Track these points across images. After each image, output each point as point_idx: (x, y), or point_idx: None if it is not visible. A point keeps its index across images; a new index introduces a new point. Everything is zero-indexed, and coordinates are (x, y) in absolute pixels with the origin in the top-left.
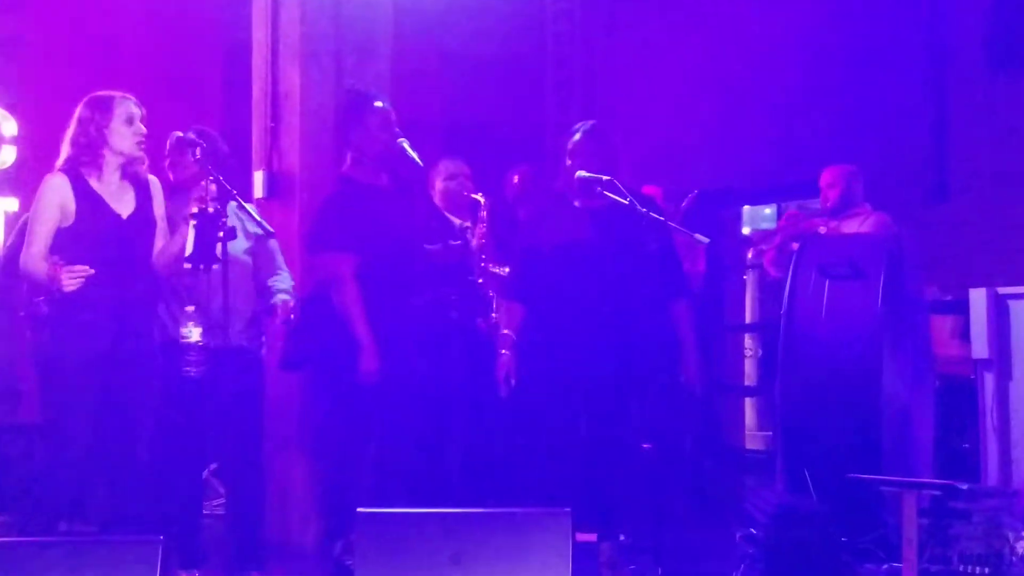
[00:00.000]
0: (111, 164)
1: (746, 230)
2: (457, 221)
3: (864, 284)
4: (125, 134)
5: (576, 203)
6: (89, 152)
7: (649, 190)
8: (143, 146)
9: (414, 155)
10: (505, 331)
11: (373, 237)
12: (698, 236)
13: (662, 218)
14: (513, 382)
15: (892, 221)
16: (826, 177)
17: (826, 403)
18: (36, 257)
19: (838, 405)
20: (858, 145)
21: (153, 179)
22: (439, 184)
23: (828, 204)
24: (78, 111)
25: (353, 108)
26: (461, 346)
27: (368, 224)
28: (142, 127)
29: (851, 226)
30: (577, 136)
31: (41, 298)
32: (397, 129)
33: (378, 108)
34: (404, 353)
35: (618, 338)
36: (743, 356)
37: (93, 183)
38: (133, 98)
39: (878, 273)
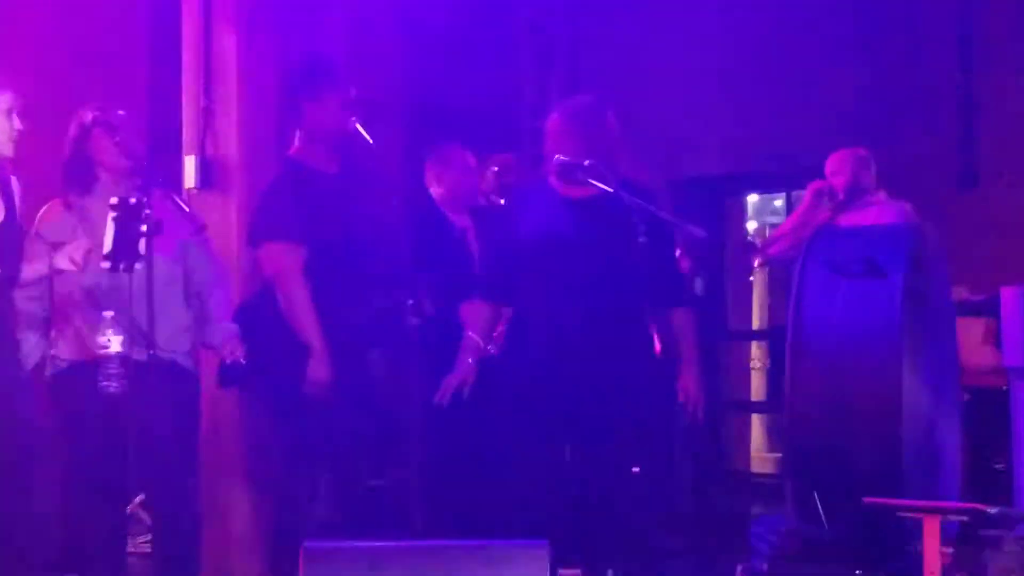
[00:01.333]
0: None
1: (751, 225)
2: (457, 219)
3: (882, 284)
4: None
5: (559, 193)
6: None
7: (644, 176)
8: (15, 144)
9: (368, 138)
10: (470, 333)
11: (325, 228)
12: (692, 228)
13: (652, 207)
14: (465, 394)
15: (913, 211)
16: (831, 164)
17: (840, 420)
18: None
19: (854, 422)
20: (875, 125)
21: (14, 180)
22: (448, 176)
23: (833, 196)
24: None
25: (306, 80)
26: (427, 357)
27: (319, 214)
28: (18, 122)
29: (865, 218)
30: (556, 115)
31: None
32: (352, 108)
33: (335, 82)
34: (359, 363)
35: (604, 349)
36: (749, 368)
37: None
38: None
39: (898, 271)
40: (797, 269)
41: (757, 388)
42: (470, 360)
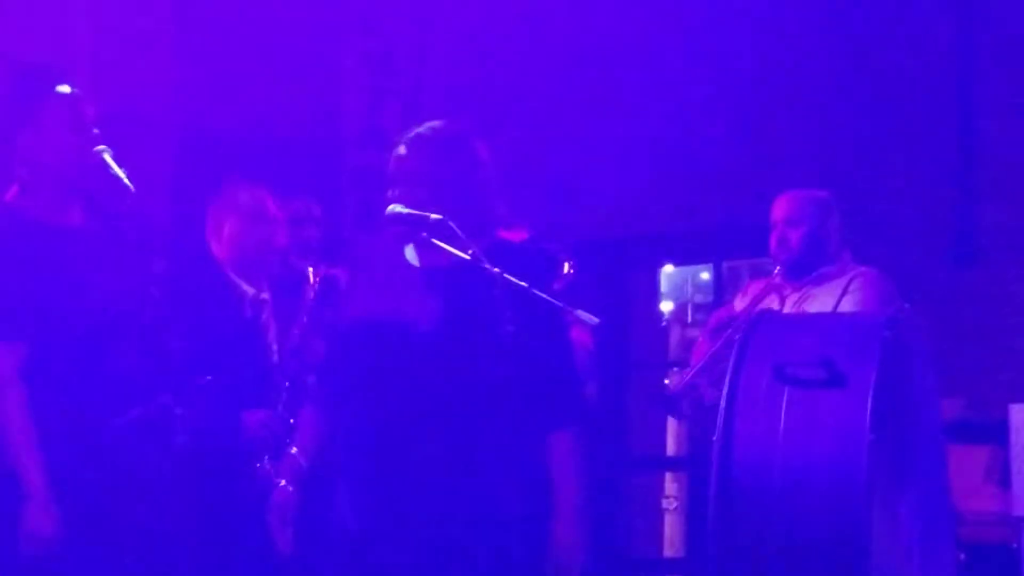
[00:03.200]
0: None
1: (666, 306)
2: (250, 289)
3: (843, 395)
4: None
5: (408, 258)
6: None
7: (516, 235)
8: None
9: (121, 174)
10: (293, 450)
11: (53, 314)
12: (582, 314)
13: (525, 284)
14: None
15: (890, 285)
16: (783, 208)
17: None
18: None
19: None
20: (846, 168)
21: None
22: (236, 228)
23: (785, 255)
24: None
25: (21, 96)
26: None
27: (45, 292)
28: None
29: (823, 296)
30: (400, 150)
31: None
32: (95, 131)
33: (63, 95)
34: (104, 503)
35: (446, 487)
36: (661, 511)
37: None
38: None
39: (867, 377)
40: (728, 374)
41: (671, 539)
42: (291, 489)
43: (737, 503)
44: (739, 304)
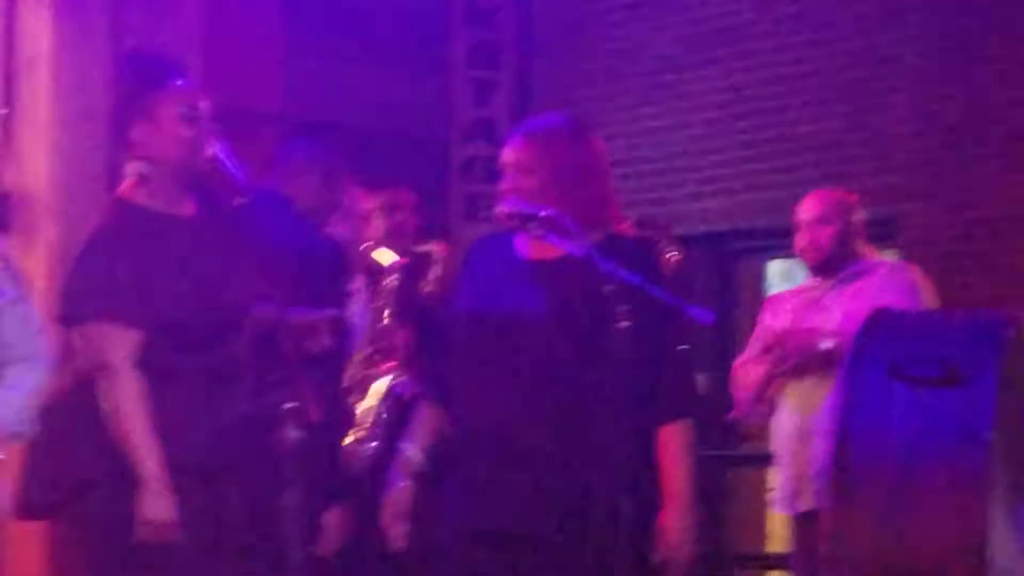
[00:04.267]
0: None
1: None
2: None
3: (963, 394)
4: None
5: (523, 253)
6: None
7: (626, 228)
8: None
9: (234, 167)
10: (407, 449)
11: (167, 304)
12: (695, 311)
13: (640, 279)
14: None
15: (921, 275)
16: (810, 208)
17: None
18: None
19: None
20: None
21: None
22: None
23: (816, 254)
24: None
25: (136, 89)
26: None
27: (160, 279)
28: None
29: (862, 292)
30: (514, 143)
31: None
32: (209, 124)
33: (177, 90)
34: (214, 495)
35: (557, 481)
36: (765, 506)
37: None
38: None
39: (987, 376)
40: (846, 366)
41: (776, 532)
42: (405, 485)
43: (853, 502)
44: (771, 319)
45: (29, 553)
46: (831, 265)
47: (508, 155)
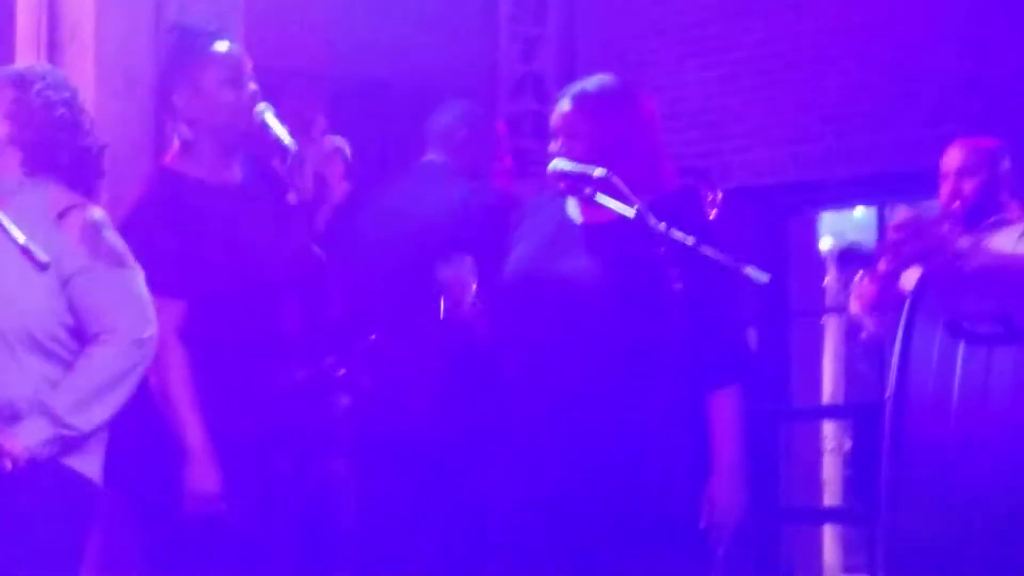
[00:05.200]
0: None
1: (826, 243)
2: None
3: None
4: None
5: (573, 215)
6: None
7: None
8: None
9: (281, 132)
10: None
11: (214, 273)
12: (750, 270)
13: (694, 240)
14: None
15: None
16: (955, 158)
17: (962, 548)
18: None
19: (980, 544)
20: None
21: None
22: None
23: (958, 205)
24: None
25: (179, 57)
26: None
27: (206, 250)
28: None
29: (1000, 244)
30: (564, 104)
31: None
32: (254, 89)
33: (220, 56)
34: (264, 465)
35: (606, 438)
36: (820, 461)
37: None
38: None
39: None
40: (900, 327)
41: (831, 484)
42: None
43: (911, 460)
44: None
45: None
46: (975, 216)
47: (557, 120)
